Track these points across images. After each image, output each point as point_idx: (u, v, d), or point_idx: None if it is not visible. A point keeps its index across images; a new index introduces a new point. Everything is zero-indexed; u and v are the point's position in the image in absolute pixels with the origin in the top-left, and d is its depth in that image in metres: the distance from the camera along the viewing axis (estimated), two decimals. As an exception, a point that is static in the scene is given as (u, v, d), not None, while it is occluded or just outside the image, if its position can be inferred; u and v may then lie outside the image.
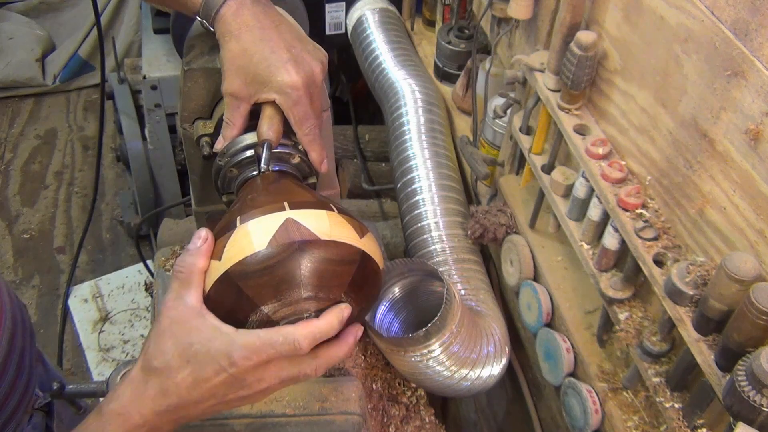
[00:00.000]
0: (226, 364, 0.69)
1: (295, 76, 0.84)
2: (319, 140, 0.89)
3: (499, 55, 1.55)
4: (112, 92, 2.54)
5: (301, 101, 0.86)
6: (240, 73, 0.85)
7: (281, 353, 0.70)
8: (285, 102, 0.86)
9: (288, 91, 0.84)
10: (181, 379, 0.69)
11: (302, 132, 0.87)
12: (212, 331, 0.70)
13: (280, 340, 0.70)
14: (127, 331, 2.50)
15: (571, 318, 1.21)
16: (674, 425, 0.93)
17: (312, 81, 0.86)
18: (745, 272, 0.77)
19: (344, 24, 2.10)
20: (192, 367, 0.69)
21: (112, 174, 3.12)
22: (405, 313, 1.29)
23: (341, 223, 0.77)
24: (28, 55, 3.44)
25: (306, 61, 0.86)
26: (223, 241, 0.75)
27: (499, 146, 1.50)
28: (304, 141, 0.88)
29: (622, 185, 1.03)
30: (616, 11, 1.04)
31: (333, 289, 0.74)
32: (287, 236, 0.73)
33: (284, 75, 0.84)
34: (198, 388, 0.70)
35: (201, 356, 0.69)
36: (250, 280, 0.72)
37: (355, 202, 2.08)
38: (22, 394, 0.92)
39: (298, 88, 0.84)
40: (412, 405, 1.31)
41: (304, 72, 0.85)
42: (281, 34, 0.86)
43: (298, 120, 0.87)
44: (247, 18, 0.85)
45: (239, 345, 0.69)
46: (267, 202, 0.78)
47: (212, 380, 0.69)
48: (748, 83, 0.79)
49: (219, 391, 0.70)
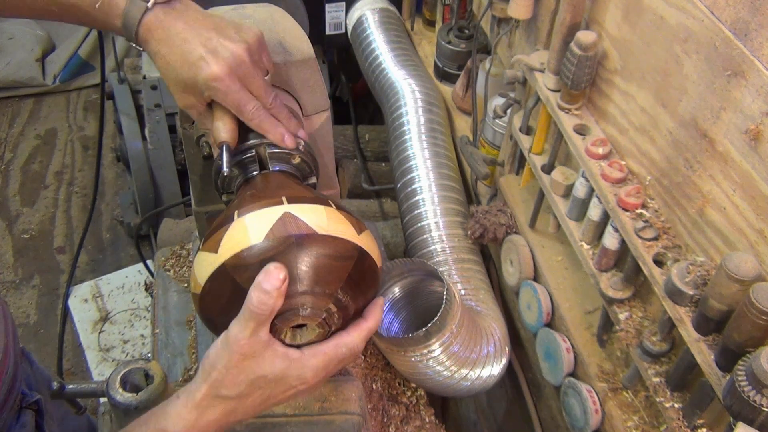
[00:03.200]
0: (298, 383, 0.75)
1: (215, 67, 0.82)
2: (268, 118, 0.86)
3: (499, 55, 1.55)
4: (112, 92, 2.54)
5: (230, 89, 0.83)
6: (176, 84, 0.85)
7: (346, 362, 0.77)
8: (216, 96, 0.84)
9: (213, 85, 0.82)
10: (251, 401, 0.74)
11: (246, 118, 0.85)
12: (282, 360, 0.74)
13: (345, 352, 0.76)
14: (127, 331, 2.50)
15: (571, 318, 1.21)
16: (674, 425, 0.93)
17: (237, 63, 0.83)
18: (745, 272, 0.77)
19: (344, 24, 2.10)
20: (263, 391, 0.74)
21: (112, 174, 3.12)
22: (405, 313, 1.29)
23: (339, 218, 0.77)
24: (28, 55, 3.43)
25: (224, 46, 0.83)
26: (220, 233, 0.75)
27: (499, 146, 1.50)
28: (252, 125, 0.86)
29: (622, 185, 1.03)
30: (616, 11, 1.04)
31: (329, 284, 0.74)
32: (284, 230, 0.73)
33: (204, 70, 0.82)
34: (265, 405, 0.76)
35: (274, 383, 0.74)
36: (246, 273, 0.72)
37: (355, 202, 2.08)
38: (8, 392, 0.92)
39: (221, 77, 0.82)
40: (412, 405, 1.31)
41: (224, 59, 0.82)
42: (195, 31, 0.83)
43: (235, 108, 0.85)
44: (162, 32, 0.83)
45: (310, 367, 0.74)
46: (265, 197, 0.77)
47: (280, 396, 0.76)
48: (748, 83, 0.79)
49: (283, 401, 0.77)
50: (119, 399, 0.88)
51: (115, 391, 0.89)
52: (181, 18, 0.84)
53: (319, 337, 0.76)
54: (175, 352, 1.50)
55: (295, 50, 0.97)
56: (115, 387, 0.89)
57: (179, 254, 1.69)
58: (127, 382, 0.90)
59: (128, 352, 2.44)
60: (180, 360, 1.48)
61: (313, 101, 1.02)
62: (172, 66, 0.83)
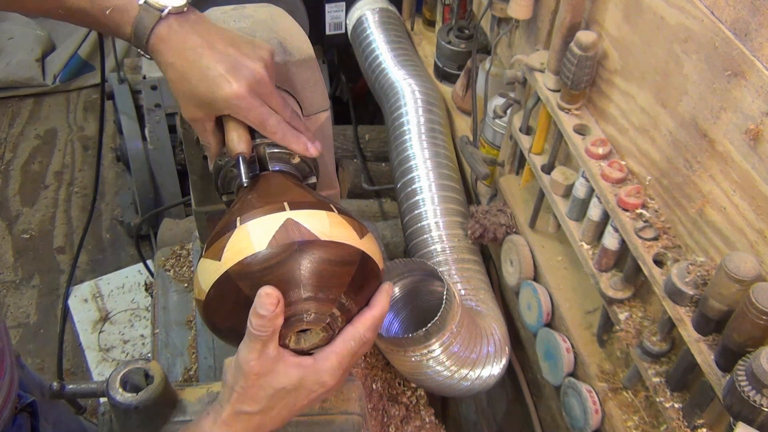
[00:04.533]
0: (317, 387, 0.76)
1: (236, 86, 0.82)
2: (290, 131, 0.87)
3: (499, 55, 1.55)
4: (112, 92, 2.54)
5: (252, 106, 0.84)
6: (188, 98, 0.85)
7: (361, 354, 0.77)
8: (237, 113, 0.84)
9: (235, 102, 0.83)
10: (277, 412, 0.76)
11: (267, 132, 0.86)
12: (297, 369, 0.74)
13: (354, 345, 0.76)
14: (127, 331, 2.50)
15: (571, 318, 1.21)
16: (674, 425, 0.93)
17: (257, 81, 0.84)
18: (745, 272, 0.77)
19: (344, 24, 2.10)
20: (285, 401, 0.75)
21: (112, 174, 3.12)
22: (405, 313, 1.29)
23: (341, 223, 0.77)
24: (28, 55, 3.43)
25: (244, 65, 0.84)
26: (223, 241, 0.75)
27: (499, 146, 1.50)
28: (276, 139, 0.87)
29: (622, 185, 1.03)
30: (616, 11, 1.04)
31: (333, 290, 0.74)
32: (287, 237, 0.73)
33: (225, 88, 0.82)
34: (292, 413, 0.77)
35: (294, 392, 0.75)
36: (249, 281, 0.72)
37: (355, 202, 2.08)
38: (7, 392, 0.92)
39: (243, 96, 0.83)
40: (412, 405, 1.31)
41: (245, 77, 0.83)
42: (213, 47, 0.83)
43: (257, 124, 0.85)
44: (175, 43, 0.83)
45: (325, 371, 0.75)
46: (267, 203, 0.77)
47: (304, 401, 0.77)
48: (748, 83, 0.79)
49: (309, 405, 0.78)
50: (119, 399, 0.88)
51: (115, 391, 0.89)
52: (195, 31, 0.83)
53: (324, 341, 0.76)
54: (175, 352, 1.50)
55: (295, 50, 0.97)
56: (115, 387, 0.89)
57: (179, 254, 1.69)
58: (127, 382, 0.90)
59: (128, 352, 2.44)
60: (180, 360, 1.48)
61: (313, 101, 1.02)
62: (186, 80, 0.83)
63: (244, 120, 0.85)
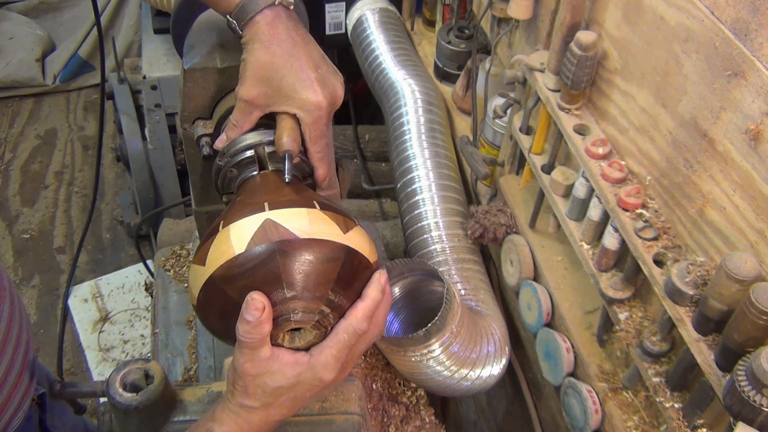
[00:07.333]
0: (316, 383, 0.76)
1: (320, 96, 0.86)
2: (327, 159, 0.91)
3: (499, 55, 1.55)
4: (112, 92, 2.54)
5: (321, 120, 0.87)
6: (262, 83, 0.86)
7: (354, 344, 0.77)
8: (306, 119, 0.87)
9: (311, 109, 0.86)
10: (278, 406, 0.77)
11: (315, 149, 0.89)
12: (293, 367, 0.75)
13: (347, 338, 0.76)
14: (127, 330, 2.50)
15: (571, 318, 1.21)
16: (674, 425, 0.93)
17: (334, 102, 0.88)
18: (745, 272, 0.77)
19: (344, 24, 2.10)
20: (286, 396, 0.76)
21: (112, 174, 3.12)
22: (405, 313, 1.29)
23: (322, 219, 0.76)
24: (28, 55, 3.44)
25: (331, 82, 0.88)
26: (207, 245, 0.75)
27: (499, 146, 1.50)
28: (315, 158, 0.90)
29: (622, 185, 1.03)
30: (616, 11, 1.04)
31: (318, 287, 0.74)
32: (266, 237, 0.73)
33: (310, 93, 0.85)
34: (295, 405, 0.78)
35: (294, 388, 0.76)
36: (233, 283, 0.73)
37: (355, 202, 2.08)
38: (20, 371, 0.93)
39: (322, 107, 0.86)
40: (412, 405, 1.31)
41: (329, 92, 0.87)
42: (309, 52, 0.87)
43: (313, 138, 0.88)
44: (280, 30, 0.86)
45: (321, 366, 0.76)
46: (249, 204, 0.78)
47: (306, 395, 0.78)
48: (748, 83, 0.79)
49: (311, 399, 0.80)
50: (119, 399, 0.88)
51: (115, 391, 0.89)
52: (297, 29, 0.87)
53: (318, 338, 0.76)
54: (175, 352, 1.50)
55: (295, 50, 0.97)
56: (115, 387, 0.89)
57: (179, 254, 1.69)
58: (127, 382, 0.90)
59: (128, 352, 2.45)
60: (180, 360, 1.49)
61: (313, 101, 1.02)
62: (276, 68, 0.85)
63: (306, 128, 0.87)
